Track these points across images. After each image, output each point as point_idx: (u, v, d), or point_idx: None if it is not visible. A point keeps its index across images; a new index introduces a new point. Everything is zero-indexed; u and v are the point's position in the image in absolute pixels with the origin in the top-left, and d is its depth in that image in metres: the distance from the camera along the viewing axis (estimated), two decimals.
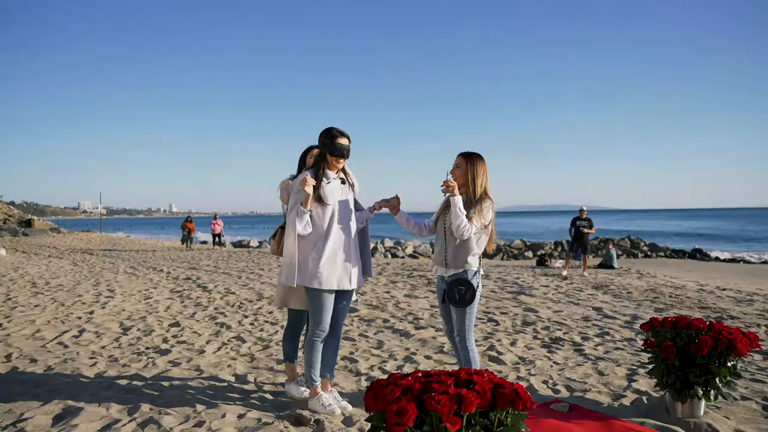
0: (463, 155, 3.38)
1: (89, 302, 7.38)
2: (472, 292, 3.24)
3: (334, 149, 3.31)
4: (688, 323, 3.27)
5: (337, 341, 3.52)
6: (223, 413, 3.26)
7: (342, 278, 3.31)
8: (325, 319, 3.32)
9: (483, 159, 3.39)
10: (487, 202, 3.31)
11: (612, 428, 3.10)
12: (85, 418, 3.15)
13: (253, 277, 10.42)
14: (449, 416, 1.82)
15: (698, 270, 18.27)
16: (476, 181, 3.32)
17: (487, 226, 3.31)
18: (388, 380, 2.03)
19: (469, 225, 3.21)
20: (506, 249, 27.44)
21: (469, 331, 3.34)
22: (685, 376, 3.19)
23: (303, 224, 3.23)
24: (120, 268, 12.52)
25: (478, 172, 3.33)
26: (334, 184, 3.36)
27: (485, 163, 3.39)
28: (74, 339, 5.20)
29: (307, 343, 3.38)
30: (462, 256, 3.30)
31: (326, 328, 3.34)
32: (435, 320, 6.22)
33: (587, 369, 4.33)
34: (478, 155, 3.39)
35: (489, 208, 3.30)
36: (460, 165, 3.37)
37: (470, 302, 3.25)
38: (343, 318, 3.50)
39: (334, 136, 3.33)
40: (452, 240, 3.31)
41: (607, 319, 6.38)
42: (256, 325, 5.95)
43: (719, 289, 9.75)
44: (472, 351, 3.35)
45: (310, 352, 3.36)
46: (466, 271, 3.30)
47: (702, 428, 3.10)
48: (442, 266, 3.37)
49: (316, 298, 3.30)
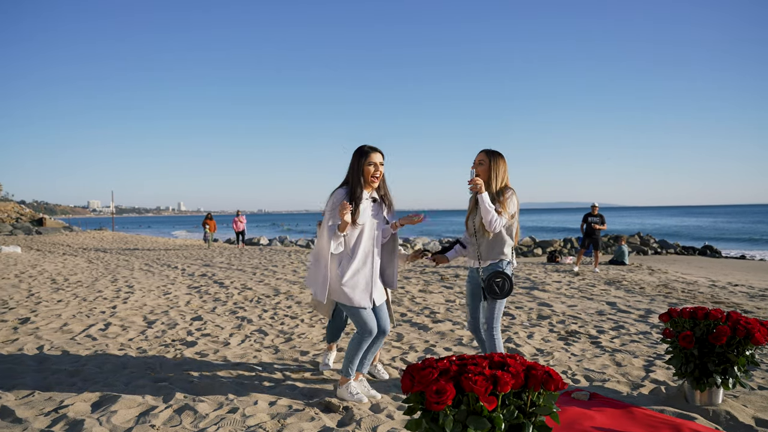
0: (486, 152, 3.52)
1: (110, 297, 7.53)
2: (510, 283, 3.39)
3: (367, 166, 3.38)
4: (707, 313, 3.35)
5: (382, 338, 3.55)
6: (254, 400, 3.37)
7: (362, 296, 3.37)
8: (365, 324, 3.37)
9: (503, 155, 3.54)
10: (509, 192, 3.47)
11: (633, 416, 3.19)
12: (122, 405, 3.27)
13: (268, 274, 10.56)
14: (486, 396, 1.92)
15: (709, 267, 18.26)
16: (498, 177, 3.48)
17: (513, 216, 3.47)
18: (425, 363, 2.13)
19: (499, 218, 3.37)
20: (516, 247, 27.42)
21: (497, 320, 3.48)
22: (704, 364, 3.27)
23: (336, 245, 3.30)
24: (135, 266, 12.69)
25: (500, 168, 3.50)
26: (366, 204, 3.40)
27: (505, 159, 3.54)
28: (101, 332, 5.34)
29: (354, 340, 3.43)
30: (497, 249, 3.48)
31: (373, 331, 3.39)
32: (451, 314, 6.32)
33: (605, 360, 4.42)
34: (499, 152, 3.54)
35: (512, 199, 3.46)
36: (483, 161, 3.51)
37: (509, 293, 3.40)
38: (385, 320, 3.50)
39: (368, 152, 3.38)
40: (484, 235, 3.47)
41: (621, 314, 6.45)
42: (276, 319, 6.07)
43: (731, 285, 9.79)
44: (498, 340, 3.48)
45: (354, 349, 3.42)
46: (501, 261, 3.48)
47: (721, 416, 3.18)
48: (477, 260, 3.52)
49: (348, 311, 3.41)
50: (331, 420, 3.14)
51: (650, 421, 3.11)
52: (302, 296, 7.64)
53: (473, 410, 1.97)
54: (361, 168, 3.38)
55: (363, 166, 3.37)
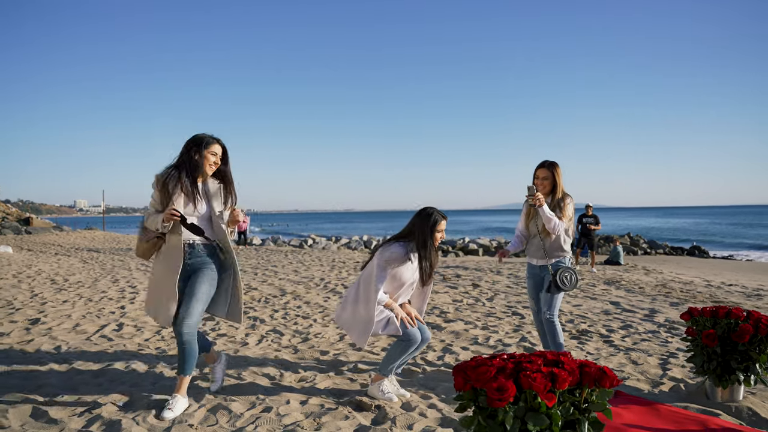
0: (547, 167, 3.98)
1: (116, 298, 7.50)
2: (576, 276, 3.84)
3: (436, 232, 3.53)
4: (728, 312, 3.44)
5: (423, 346, 3.59)
6: (286, 400, 3.41)
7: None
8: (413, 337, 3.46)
9: (558, 164, 4.02)
10: (567, 199, 3.95)
11: (659, 412, 3.27)
12: (154, 405, 3.29)
13: (269, 274, 10.56)
14: (545, 392, 1.98)
15: (699, 267, 18.55)
16: (559, 187, 3.99)
17: (571, 219, 3.92)
18: (478, 361, 2.18)
19: (560, 222, 3.83)
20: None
21: (557, 308, 4.00)
22: (726, 362, 3.36)
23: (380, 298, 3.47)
24: (132, 266, 12.61)
25: (560, 178, 3.99)
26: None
27: (560, 166, 4.03)
28: (116, 332, 5.33)
29: (399, 344, 3.46)
30: (559, 247, 3.99)
31: (417, 339, 3.45)
32: (461, 314, 6.39)
33: (621, 359, 4.50)
34: (556, 164, 3.98)
35: (570, 206, 3.94)
36: (546, 177, 3.98)
37: (576, 285, 3.84)
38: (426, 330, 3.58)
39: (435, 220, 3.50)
40: (547, 236, 3.96)
41: (627, 313, 6.57)
42: (288, 319, 6.10)
43: (725, 285, 9.99)
44: (558, 325, 3.99)
45: (398, 354, 3.47)
46: (564, 257, 3.99)
47: (743, 412, 3.28)
48: (542, 258, 4.01)
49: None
50: (365, 418, 3.19)
51: (676, 417, 3.19)
52: (309, 296, 7.66)
53: (531, 407, 2.03)
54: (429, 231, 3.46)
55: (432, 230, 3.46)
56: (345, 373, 4.09)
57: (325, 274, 10.57)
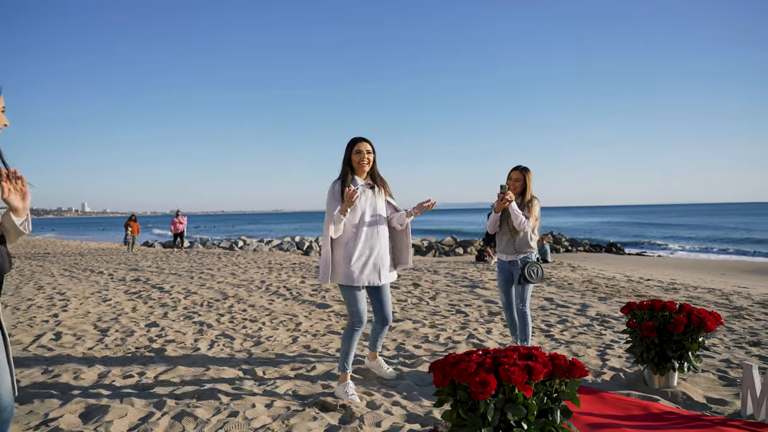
0: (520, 171, 4.38)
1: (45, 306, 7.12)
2: (542, 270, 4.32)
3: (355, 155, 3.60)
4: (663, 305, 3.76)
5: (386, 327, 3.87)
6: (251, 404, 3.40)
7: (371, 275, 3.59)
8: (358, 312, 3.60)
9: (530, 171, 4.42)
10: (535, 201, 4.30)
11: (605, 400, 3.53)
12: (115, 414, 3.20)
13: (206, 277, 10.33)
14: (523, 384, 2.13)
15: (615, 263, 19.71)
16: (529, 189, 4.40)
17: (537, 218, 4.29)
18: (457, 358, 2.31)
19: (526, 221, 4.19)
20: (438, 246, 28.26)
21: (528, 300, 4.37)
22: (663, 351, 3.68)
23: (335, 229, 3.53)
24: (54, 271, 11.97)
25: (531, 182, 4.40)
26: (361, 189, 3.63)
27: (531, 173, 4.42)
28: (55, 342, 5.09)
29: (345, 334, 3.66)
30: (527, 244, 4.38)
31: (362, 321, 3.61)
32: (407, 313, 6.55)
33: (563, 351, 4.79)
34: (528, 169, 4.36)
35: (537, 206, 4.29)
36: (519, 179, 4.37)
37: (542, 278, 4.18)
38: (388, 307, 3.78)
39: (354, 142, 3.62)
40: (516, 234, 4.34)
41: (561, 308, 6.94)
42: (236, 323, 6.02)
43: (644, 280, 10.72)
44: (529, 316, 4.38)
45: (346, 342, 3.64)
46: (531, 253, 4.39)
47: (678, 396, 3.59)
48: (512, 254, 4.39)
49: (348, 294, 3.59)
50: (333, 418, 3.24)
51: (621, 404, 3.46)
52: (253, 299, 7.58)
53: (509, 398, 2.17)
54: (349, 157, 3.62)
55: (351, 155, 3.62)
56: (304, 374, 4.12)
57: (265, 276, 10.45)
